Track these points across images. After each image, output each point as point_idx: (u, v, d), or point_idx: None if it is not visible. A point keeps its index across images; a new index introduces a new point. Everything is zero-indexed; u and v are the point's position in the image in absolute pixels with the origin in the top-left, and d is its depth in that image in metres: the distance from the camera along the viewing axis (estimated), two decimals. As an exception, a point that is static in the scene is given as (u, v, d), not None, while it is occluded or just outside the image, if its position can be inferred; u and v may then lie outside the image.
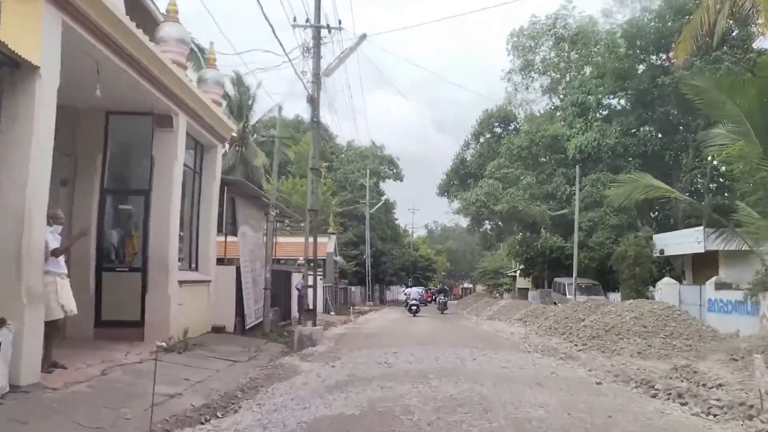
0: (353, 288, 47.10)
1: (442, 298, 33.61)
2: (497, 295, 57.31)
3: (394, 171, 62.62)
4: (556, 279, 31.93)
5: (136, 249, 10.79)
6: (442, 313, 31.05)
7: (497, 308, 27.01)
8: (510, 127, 41.15)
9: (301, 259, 29.76)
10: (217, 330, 12.39)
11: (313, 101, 13.46)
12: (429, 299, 41.47)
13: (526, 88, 42.17)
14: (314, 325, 13.72)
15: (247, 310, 13.40)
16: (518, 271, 64.77)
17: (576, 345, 12.82)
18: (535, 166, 33.47)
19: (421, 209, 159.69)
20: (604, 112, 34.31)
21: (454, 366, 9.46)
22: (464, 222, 49.37)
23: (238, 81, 46.23)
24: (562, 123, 33.50)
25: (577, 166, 28.73)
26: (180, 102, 10.56)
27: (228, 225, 13.69)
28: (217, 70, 13.28)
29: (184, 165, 12.06)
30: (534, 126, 33.31)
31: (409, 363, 9.87)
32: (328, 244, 33.19)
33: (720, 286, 18.91)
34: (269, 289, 13.91)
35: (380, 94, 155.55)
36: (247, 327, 13.34)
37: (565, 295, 29.17)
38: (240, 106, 46.62)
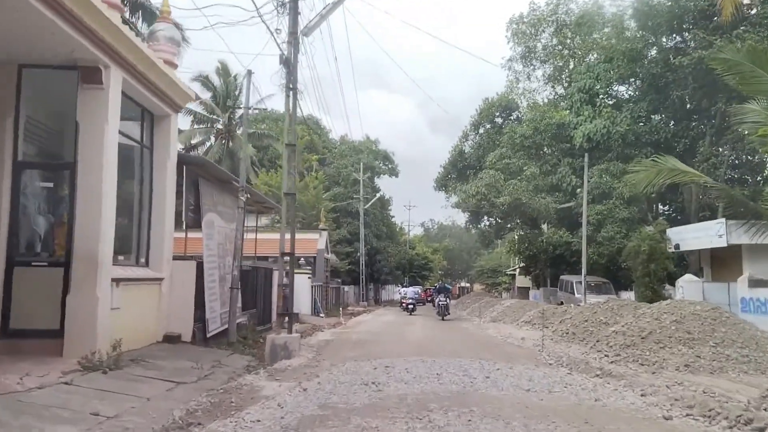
0: (346, 288, 44.82)
1: (442, 299, 25.51)
2: (497, 294, 55.12)
3: (390, 166, 60.33)
4: (562, 277, 29.80)
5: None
6: (443, 319, 24.79)
7: (501, 309, 24.81)
8: (511, 117, 39.00)
9: (302, 258, 27.64)
10: (171, 339, 10.14)
11: (289, 64, 11.21)
12: (428, 299, 39.06)
13: (528, 77, 40.11)
14: (290, 331, 11.46)
15: (210, 315, 11.17)
16: (518, 270, 63.12)
17: (607, 356, 10.62)
18: (539, 157, 31.31)
19: (418, 207, 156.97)
20: (613, 100, 32.21)
21: (463, 388, 7.27)
22: (461, 219, 47.37)
23: (224, 71, 43.98)
24: (567, 111, 31.35)
25: (586, 155, 26.58)
26: (112, 51, 8.30)
27: (189, 213, 11.44)
28: (172, 24, 11.02)
29: (128, 137, 9.82)
30: (538, 114, 31.14)
31: (405, 383, 7.67)
32: (318, 240, 30.98)
33: (755, 283, 16.81)
34: (237, 288, 11.63)
35: (375, 93, 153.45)
36: (209, 335, 11.10)
37: (574, 294, 27.03)
38: (226, 97, 44.36)
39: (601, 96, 31.52)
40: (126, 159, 9.72)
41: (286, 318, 19.23)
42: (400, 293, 38.91)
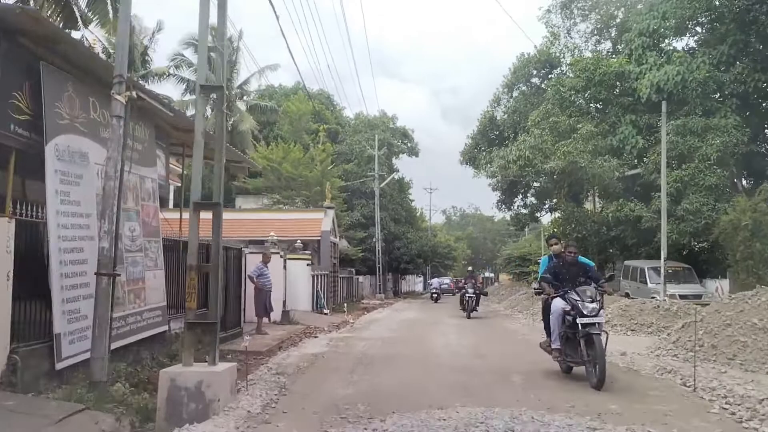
0: (361, 278, 39.43)
1: (470, 291, 20.86)
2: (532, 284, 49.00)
3: (409, 145, 54.35)
4: (627, 263, 23.92)
5: None
6: (469, 317, 20.05)
7: None
8: (551, 76, 32.96)
9: (299, 241, 22.10)
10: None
11: None
12: (455, 289, 35.10)
13: (568, 32, 33.91)
14: (213, 359, 5.84)
15: (61, 328, 5.76)
16: (552, 257, 57.10)
17: None
18: (592, 115, 25.33)
19: (438, 191, 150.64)
20: (684, 43, 26.13)
21: None
22: (485, 206, 41.56)
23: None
24: (627, 59, 25.32)
25: (664, 103, 20.59)
26: None
27: (14, 126, 5.92)
28: None
29: None
30: (590, 63, 25.16)
31: None
32: (323, 220, 25.52)
33: None
34: (109, 275, 6.01)
35: (386, 82, 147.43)
36: (62, 365, 5.70)
37: (646, 283, 21.21)
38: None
39: (669, 39, 25.45)
40: None
41: (268, 319, 13.85)
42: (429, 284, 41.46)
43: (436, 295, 36.47)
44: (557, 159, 21.17)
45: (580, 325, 7.09)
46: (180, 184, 15.18)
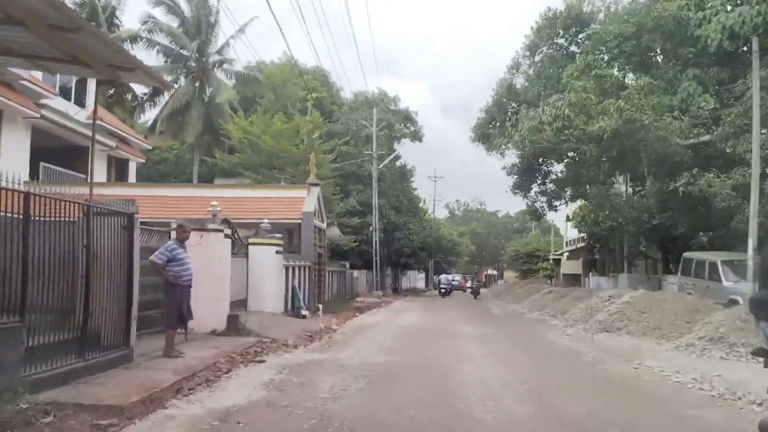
0: (356, 273, 34.45)
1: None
2: (549, 282, 44.30)
3: (412, 129, 49.17)
4: (687, 255, 18.87)
5: None
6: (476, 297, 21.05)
7: (613, 308, 13.71)
8: (581, 36, 27.82)
9: (266, 221, 16.97)
10: None
11: None
12: (465, 286, 33.58)
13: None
14: None
15: None
16: (566, 254, 52.07)
17: None
18: (644, 68, 20.16)
19: (443, 181, 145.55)
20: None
21: None
22: (491, 201, 36.40)
23: (194, -9, 33.70)
24: (683, 2, 20.21)
25: (754, 39, 15.55)
26: None
27: None
28: None
29: None
30: (642, 6, 20.04)
31: None
32: (306, 200, 20.45)
33: None
34: None
35: (386, 79, 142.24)
36: None
37: (719, 281, 16.16)
38: (197, 25, 33.94)
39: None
40: None
41: (184, 331, 8.74)
42: (438, 280, 46.04)
43: (444, 290, 39.60)
44: (609, 117, 16.05)
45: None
46: None
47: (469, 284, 46.83)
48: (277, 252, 14.94)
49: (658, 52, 19.48)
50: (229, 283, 11.21)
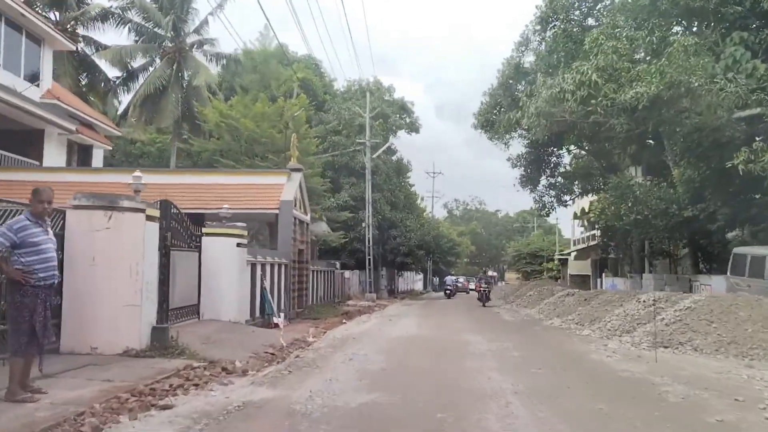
0: (347, 273, 31.36)
1: (483, 285, 26.24)
2: (557, 283, 41.31)
3: (408, 120, 46.17)
4: (738, 250, 15.87)
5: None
6: (484, 305, 23.42)
7: (674, 314, 10.49)
8: (597, 9, 24.88)
9: (226, 206, 13.50)
10: None
11: None
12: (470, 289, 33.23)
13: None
14: None
15: None
16: (573, 253, 49.12)
17: None
18: (685, 27, 17.15)
19: (441, 178, 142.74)
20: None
21: None
22: (491, 200, 33.40)
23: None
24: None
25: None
26: None
27: None
28: None
29: None
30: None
31: None
32: (286, 186, 17.42)
33: None
34: None
35: (382, 79, 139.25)
36: None
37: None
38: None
39: None
40: None
41: (39, 358, 5.63)
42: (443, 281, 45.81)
43: (449, 292, 39.24)
44: (647, 83, 13.01)
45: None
46: None
47: (472, 286, 44.20)
48: (238, 245, 11.86)
49: (697, 12, 16.41)
50: (158, 284, 8.13)
